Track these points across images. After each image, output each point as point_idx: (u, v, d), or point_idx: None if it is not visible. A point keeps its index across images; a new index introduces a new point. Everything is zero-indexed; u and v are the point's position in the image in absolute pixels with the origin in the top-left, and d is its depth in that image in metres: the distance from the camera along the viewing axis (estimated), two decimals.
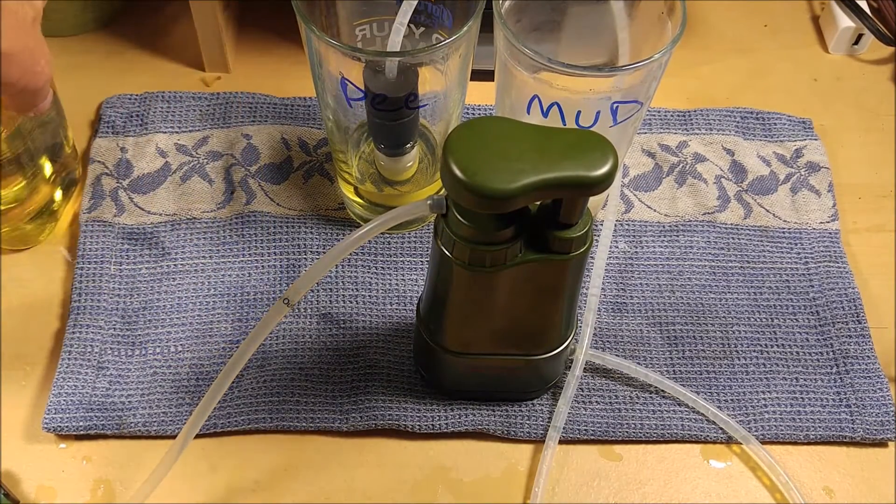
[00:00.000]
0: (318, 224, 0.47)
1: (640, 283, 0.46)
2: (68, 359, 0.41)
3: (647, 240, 0.47)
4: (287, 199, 0.48)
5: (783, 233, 0.48)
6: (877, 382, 0.42)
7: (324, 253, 0.38)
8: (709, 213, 0.48)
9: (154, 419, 0.40)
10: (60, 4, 0.54)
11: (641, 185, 0.49)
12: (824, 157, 0.50)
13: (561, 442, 0.41)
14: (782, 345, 0.44)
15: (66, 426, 0.40)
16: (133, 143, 0.49)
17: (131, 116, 0.50)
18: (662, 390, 0.42)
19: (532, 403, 0.42)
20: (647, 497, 0.40)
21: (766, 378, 0.43)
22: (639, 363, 0.42)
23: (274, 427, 0.40)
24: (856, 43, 0.57)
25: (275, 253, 0.46)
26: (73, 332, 0.42)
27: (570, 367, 0.42)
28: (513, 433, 0.41)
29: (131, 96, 0.51)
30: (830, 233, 0.48)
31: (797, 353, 0.44)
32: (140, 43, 0.56)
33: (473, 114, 0.52)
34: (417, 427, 0.40)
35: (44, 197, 0.45)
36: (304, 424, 0.40)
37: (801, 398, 0.42)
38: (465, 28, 0.36)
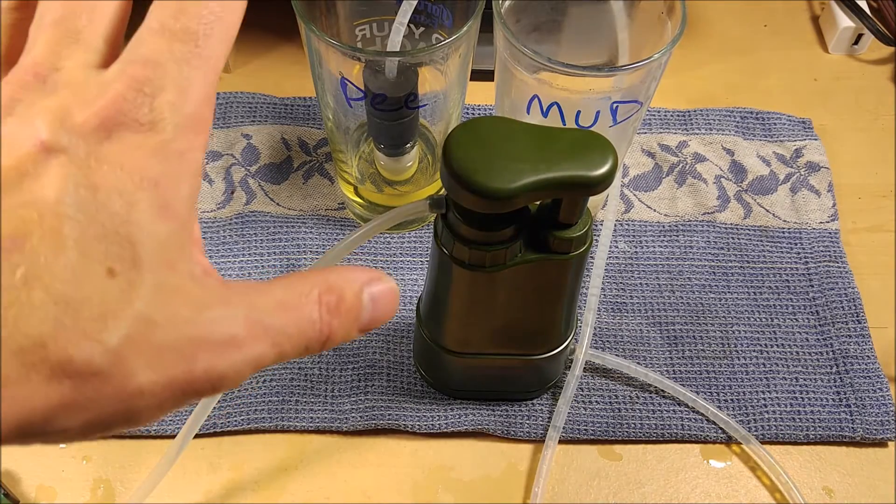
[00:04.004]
0: (318, 224, 0.47)
1: (640, 283, 0.46)
2: None
3: (647, 240, 0.47)
4: (287, 198, 0.48)
5: (783, 233, 0.48)
6: (877, 382, 0.42)
7: (324, 253, 0.38)
8: (709, 213, 0.48)
9: None
10: None
11: (641, 185, 0.49)
12: (824, 157, 0.50)
13: (561, 442, 0.41)
14: (782, 345, 0.44)
15: None
16: None
17: None
18: (662, 390, 0.42)
19: (532, 403, 0.42)
20: (647, 497, 0.40)
21: (765, 378, 0.43)
22: (639, 363, 0.42)
23: (274, 427, 0.40)
24: (856, 43, 0.57)
25: (275, 253, 0.46)
26: None
27: (570, 366, 0.42)
28: (513, 433, 0.41)
29: None
30: (830, 233, 0.48)
31: (797, 352, 0.44)
32: None
33: (473, 114, 0.52)
34: (417, 427, 0.40)
35: None
36: (304, 424, 0.40)
37: (801, 398, 0.42)
38: (465, 28, 0.36)
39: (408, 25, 0.38)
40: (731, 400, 0.42)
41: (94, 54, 0.19)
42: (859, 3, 0.55)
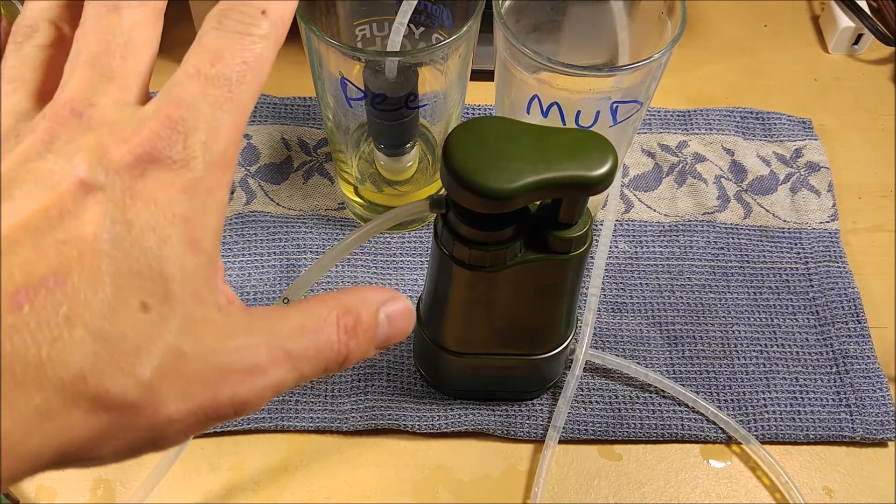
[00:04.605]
0: (318, 224, 0.47)
1: (640, 283, 0.46)
2: None
3: (647, 240, 0.47)
4: (287, 199, 0.48)
5: (783, 233, 0.48)
6: (877, 382, 0.42)
7: (324, 253, 0.38)
8: (709, 213, 0.48)
9: None
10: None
11: (641, 185, 0.49)
12: (824, 157, 0.50)
13: (561, 442, 0.41)
14: (782, 345, 0.44)
15: None
16: None
17: None
18: (662, 390, 0.42)
19: (532, 403, 0.42)
20: (647, 497, 0.40)
21: (765, 378, 0.43)
22: (639, 363, 0.42)
23: (273, 427, 0.40)
24: (856, 43, 0.57)
25: (275, 253, 0.46)
26: None
27: (570, 366, 0.42)
28: (513, 433, 0.41)
29: None
30: (830, 233, 0.48)
31: (797, 352, 0.44)
32: None
33: (473, 114, 0.52)
34: (417, 427, 0.40)
35: None
36: (304, 424, 0.40)
37: (801, 398, 0.42)
38: (465, 28, 0.36)
39: (408, 25, 0.38)
40: (731, 400, 0.42)
41: (127, 92, 0.20)
42: (859, 3, 0.55)
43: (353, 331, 0.21)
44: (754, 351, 0.44)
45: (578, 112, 0.38)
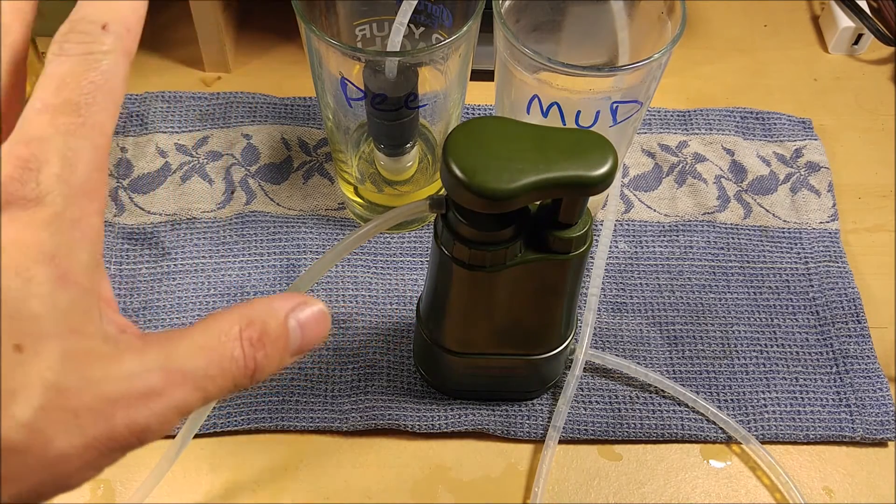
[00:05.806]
0: (318, 224, 0.47)
1: (640, 283, 0.46)
2: None
3: (647, 240, 0.47)
4: (287, 199, 0.48)
5: (783, 233, 0.48)
6: (877, 382, 0.42)
7: (324, 253, 0.38)
8: (709, 213, 0.48)
9: None
10: (60, 4, 0.53)
11: (641, 185, 0.49)
12: (824, 157, 0.50)
13: (561, 442, 0.41)
14: (782, 345, 0.44)
15: None
16: (133, 142, 0.49)
17: (131, 116, 0.50)
18: (662, 390, 0.42)
19: (532, 403, 0.42)
20: (647, 497, 0.40)
21: (765, 378, 0.43)
22: (639, 363, 0.42)
23: (274, 427, 0.40)
24: (856, 43, 0.57)
25: (275, 253, 0.46)
26: None
27: (570, 366, 0.42)
28: (513, 433, 0.41)
29: (131, 96, 0.51)
30: (830, 233, 0.48)
31: (797, 352, 0.44)
32: (140, 43, 0.55)
33: (473, 114, 0.52)
34: (417, 427, 0.40)
35: None
36: (303, 424, 0.40)
37: (801, 398, 0.42)
38: (465, 28, 0.36)
39: (408, 25, 0.38)
40: (731, 400, 0.42)
41: None
42: (859, 3, 0.55)
43: (258, 343, 0.21)
44: (754, 351, 0.44)
45: (578, 112, 0.38)
